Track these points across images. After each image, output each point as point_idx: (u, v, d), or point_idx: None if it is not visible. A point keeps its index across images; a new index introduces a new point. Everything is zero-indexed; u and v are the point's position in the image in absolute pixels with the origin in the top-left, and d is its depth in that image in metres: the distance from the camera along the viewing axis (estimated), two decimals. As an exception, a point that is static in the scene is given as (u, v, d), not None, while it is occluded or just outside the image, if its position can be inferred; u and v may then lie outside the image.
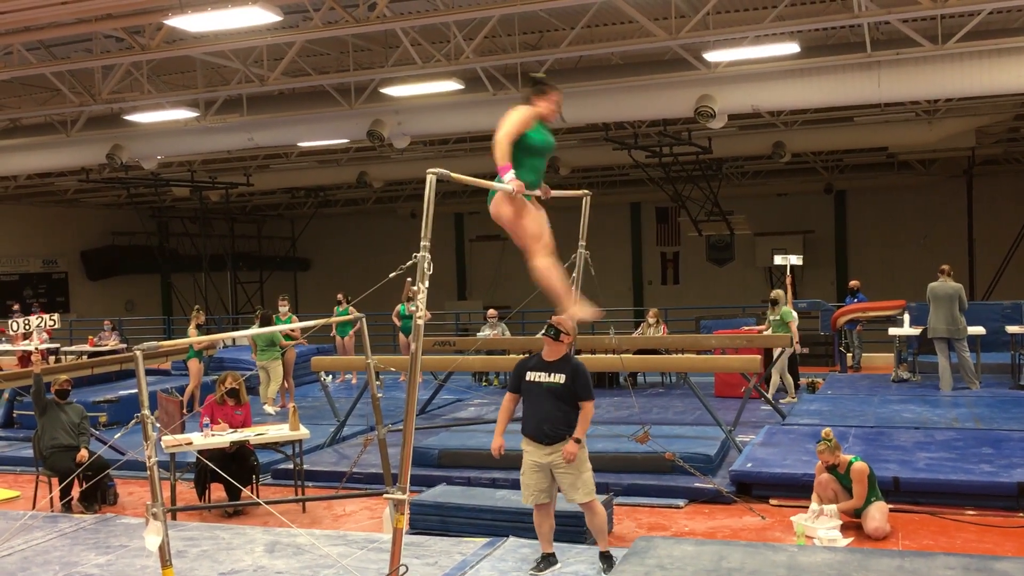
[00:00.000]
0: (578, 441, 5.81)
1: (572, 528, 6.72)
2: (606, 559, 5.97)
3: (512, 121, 5.14)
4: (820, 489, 7.16)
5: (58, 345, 17.86)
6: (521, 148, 5.18)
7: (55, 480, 8.28)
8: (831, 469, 7.13)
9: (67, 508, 8.34)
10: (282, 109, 15.11)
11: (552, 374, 5.88)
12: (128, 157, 16.76)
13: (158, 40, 11.46)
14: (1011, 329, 12.92)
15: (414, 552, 6.27)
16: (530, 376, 5.96)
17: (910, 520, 7.17)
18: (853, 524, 6.96)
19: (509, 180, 5.02)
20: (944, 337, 11.94)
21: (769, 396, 12.09)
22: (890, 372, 13.49)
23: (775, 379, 12.31)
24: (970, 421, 9.93)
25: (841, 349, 15.28)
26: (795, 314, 12.53)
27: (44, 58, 12.72)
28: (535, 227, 5.24)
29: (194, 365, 12.78)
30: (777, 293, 12.55)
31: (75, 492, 8.42)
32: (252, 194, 27.31)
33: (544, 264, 5.21)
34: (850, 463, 7.06)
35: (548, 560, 6.03)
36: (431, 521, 7.18)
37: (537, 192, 5.41)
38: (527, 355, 6.16)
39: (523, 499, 6.06)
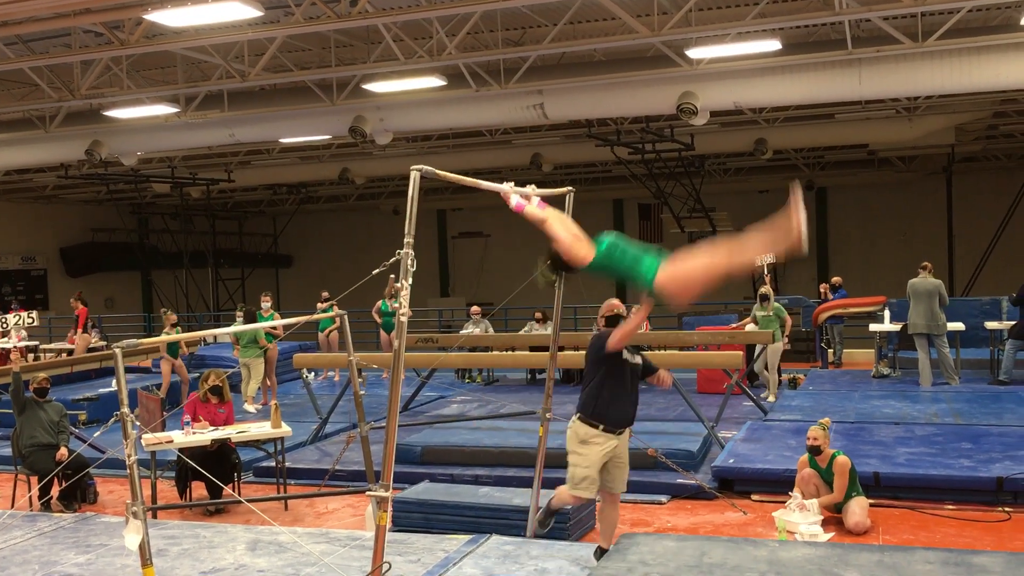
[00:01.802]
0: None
1: (556, 525, 6.72)
2: (602, 553, 5.93)
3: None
4: (802, 484, 7.20)
5: (37, 343, 17.68)
6: (611, 260, 4.99)
7: (34, 479, 8.21)
8: (813, 464, 7.18)
9: (46, 507, 8.27)
10: (263, 105, 15.03)
11: (634, 355, 5.88)
12: (107, 153, 16.63)
13: (137, 35, 11.37)
14: (990, 325, 13.04)
15: (397, 549, 6.25)
16: (625, 355, 5.77)
17: (890, 515, 7.22)
18: (834, 519, 7.00)
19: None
20: (924, 333, 12.03)
21: (771, 390, 12.18)
22: (871, 368, 13.58)
23: (773, 378, 12.31)
24: (950, 416, 10.02)
25: (822, 345, 15.36)
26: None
27: (22, 53, 12.59)
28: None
29: (166, 365, 12.69)
30: (767, 289, 12.62)
31: (54, 491, 8.36)
32: (233, 190, 27.19)
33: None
34: (832, 457, 7.11)
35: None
36: (414, 518, 7.16)
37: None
38: (598, 332, 6.03)
39: (588, 493, 5.82)
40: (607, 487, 5.93)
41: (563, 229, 4.98)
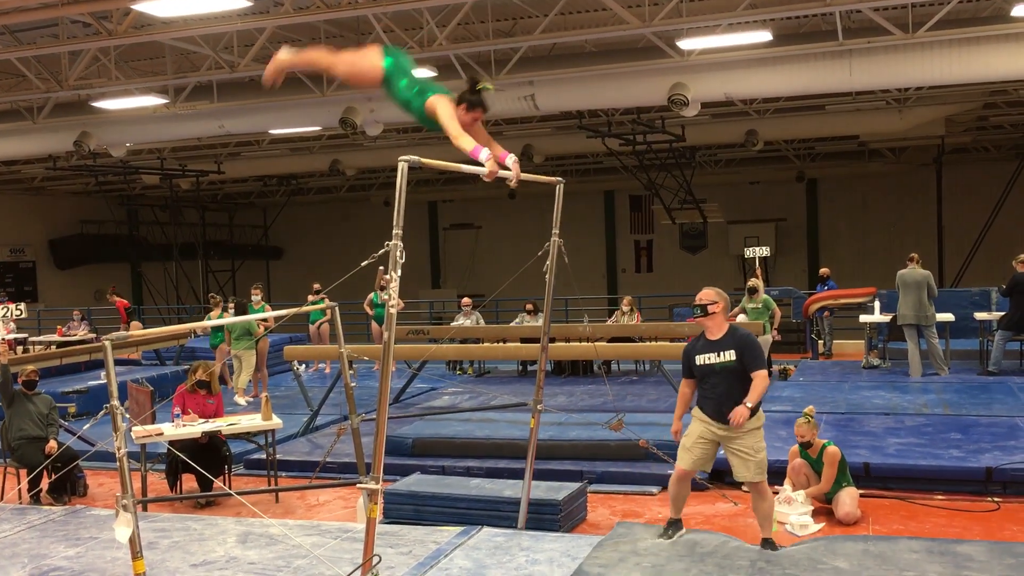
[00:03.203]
0: (747, 407, 5.76)
1: (547, 516, 6.74)
2: (768, 543, 5.92)
3: (451, 117, 5.02)
4: (793, 474, 7.22)
5: (26, 335, 17.61)
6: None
7: (23, 472, 8.18)
8: (804, 455, 7.19)
9: (36, 500, 8.24)
10: (253, 96, 14.94)
11: (721, 353, 5.79)
12: (96, 144, 16.54)
13: (126, 25, 11.30)
14: (979, 316, 13.09)
15: (388, 541, 6.25)
16: (700, 360, 5.86)
17: (880, 505, 7.25)
18: (824, 509, 7.03)
19: (486, 159, 4.94)
20: (913, 324, 12.07)
21: None
22: (861, 359, 13.62)
23: None
24: (939, 407, 10.05)
25: (813, 336, 15.41)
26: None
27: (9, 43, 12.50)
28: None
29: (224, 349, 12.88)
30: (755, 281, 12.61)
31: (44, 484, 8.32)
32: (223, 182, 27.06)
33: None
34: (823, 447, 7.13)
35: (676, 525, 6.06)
36: (405, 510, 7.16)
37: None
38: (689, 340, 6.15)
39: (680, 461, 5.96)
40: (735, 475, 5.99)
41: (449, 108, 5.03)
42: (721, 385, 5.80)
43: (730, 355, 5.78)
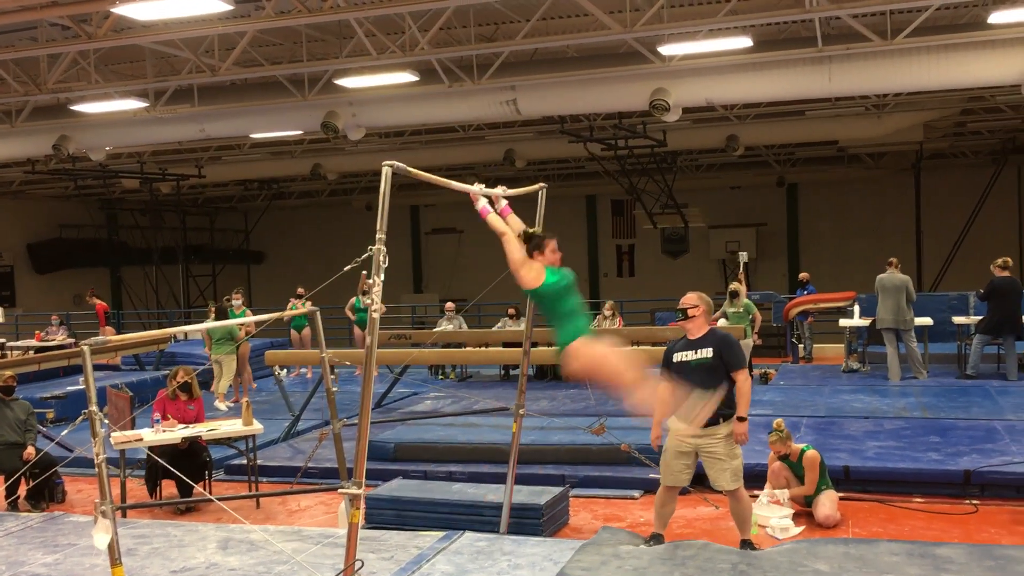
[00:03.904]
0: (742, 419, 5.82)
1: (529, 521, 6.74)
2: (747, 545, 6.04)
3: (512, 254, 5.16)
4: (773, 478, 7.26)
5: (3, 340, 17.45)
6: (551, 299, 5.18)
7: (0, 478, 8.10)
8: (783, 458, 7.24)
9: (13, 507, 8.17)
10: (234, 100, 14.89)
11: (698, 350, 5.90)
12: (75, 148, 16.41)
13: (105, 28, 11.23)
14: (957, 320, 13.21)
15: (370, 547, 6.23)
16: (677, 357, 5.97)
17: (860, 508, 7.29)
18: (805, 512, 7.06)
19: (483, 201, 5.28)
20: (892, 328, 12.16)
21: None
22: (840, 363, 13.71)
23: None
24: (918, 410, 10.13)
25: (793, 340, 15.49)
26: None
27: (-13, 46, 12.41)
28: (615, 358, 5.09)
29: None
30: (737, 286, 12.67)
31: (21, 490, 8.25)
32: (204, 186, 26.94)
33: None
34: (802, 452, 7.17)
35: (657, 539, 6.13)
36: (387, 515, 7.14)
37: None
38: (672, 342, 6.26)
39: (662, 479, 6.11)
40: (712, 484, 6.06)
41: (516, 250, 5.20)
42: (694, 382, 5.86)
43: (706, 352, 5.89)
